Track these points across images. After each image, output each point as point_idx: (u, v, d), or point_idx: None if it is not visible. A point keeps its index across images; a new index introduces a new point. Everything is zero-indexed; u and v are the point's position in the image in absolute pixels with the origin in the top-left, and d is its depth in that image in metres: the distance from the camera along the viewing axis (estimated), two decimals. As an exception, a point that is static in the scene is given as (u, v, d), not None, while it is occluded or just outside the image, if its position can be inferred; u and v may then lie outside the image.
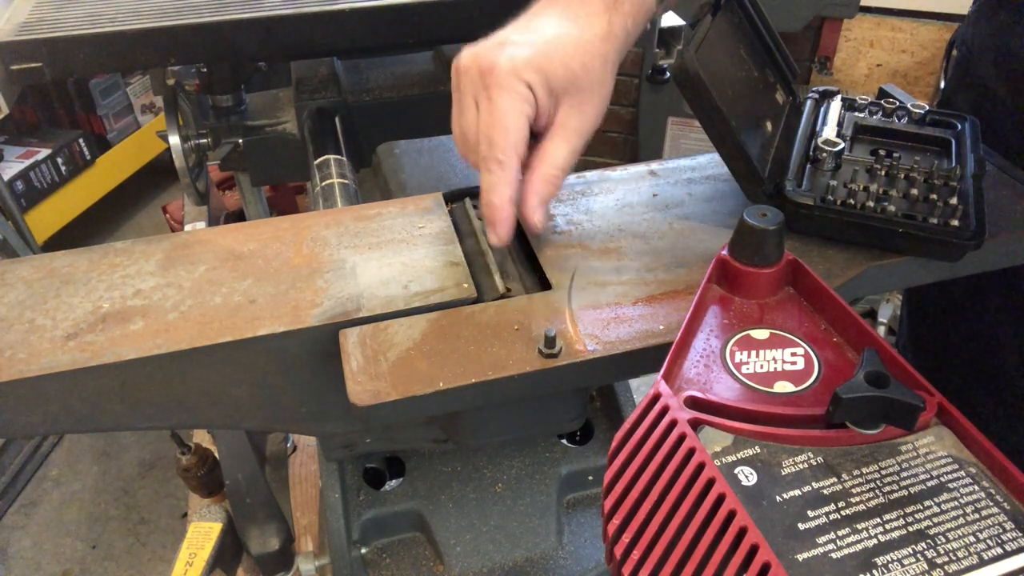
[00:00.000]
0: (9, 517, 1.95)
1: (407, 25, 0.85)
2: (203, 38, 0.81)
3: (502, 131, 0.51)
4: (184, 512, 1.89)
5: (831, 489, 0.36)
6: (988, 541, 0.33)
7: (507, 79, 0.50)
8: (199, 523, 0.87)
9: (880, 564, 0.33)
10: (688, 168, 0.69)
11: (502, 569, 0.65)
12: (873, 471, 0.37)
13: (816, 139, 0.63)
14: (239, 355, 0.50)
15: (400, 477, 0.70)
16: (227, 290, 0.53)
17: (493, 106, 0.51)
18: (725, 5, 0.62)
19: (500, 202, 0.52)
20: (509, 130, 0.51)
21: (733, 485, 0.36)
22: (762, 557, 0.33)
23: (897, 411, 0.37)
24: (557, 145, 0.54)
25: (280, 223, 0.60)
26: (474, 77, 0.52)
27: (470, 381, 0.46)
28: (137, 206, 3.09)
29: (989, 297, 0.81)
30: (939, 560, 0.33)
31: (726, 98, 0.56)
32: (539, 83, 0.51)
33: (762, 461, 0.37)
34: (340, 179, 0.80)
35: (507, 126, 0.51)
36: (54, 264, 0.56)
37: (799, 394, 0.41)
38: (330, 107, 0.94)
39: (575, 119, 0.54)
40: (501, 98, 0.51)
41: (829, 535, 0.34)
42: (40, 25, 0.80)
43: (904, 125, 0.67)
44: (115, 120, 2.88)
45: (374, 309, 0.51)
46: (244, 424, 0.61)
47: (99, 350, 0.48)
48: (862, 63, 2.58)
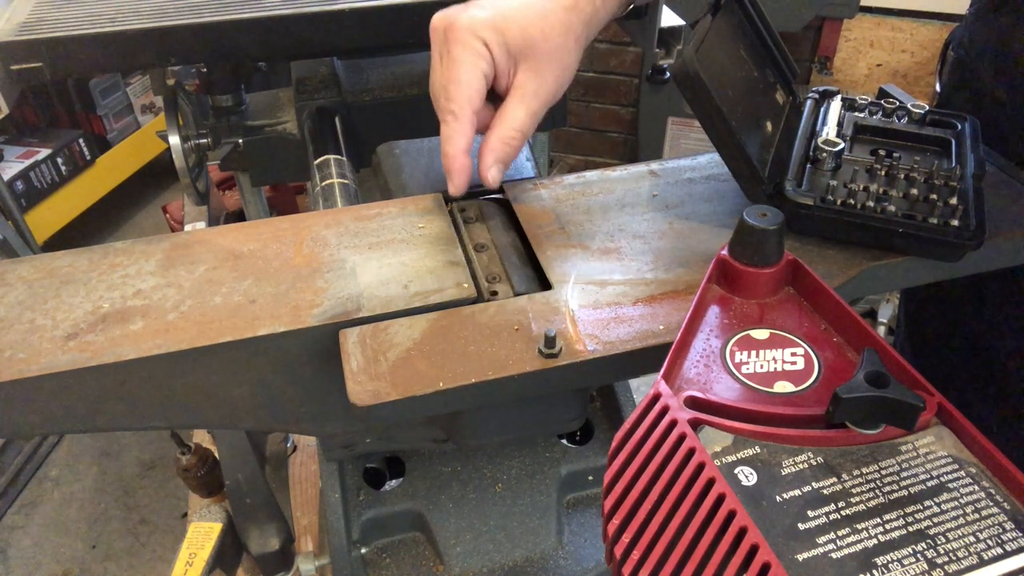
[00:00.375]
0: (9, 517, 1.95)
1: (407, 25, 0.85)
2: (203, 38, 0.81)
3: (456, 83, 0.54)
4: (184, 512, 1.89)
5: (831, 489, 0.36)
6: (988, 541, 0.33)
7: (464, 35, 0.54)
8: (199, 523, 0.87)
9: (880, 564, 0.33)
10: (688, 168, 0.69)
11: (502, 569, 0.65)
12: (873, 471, 0.37)
13: (816, 139, 0.63)
14: (239, 355, 0.50)
15: (400, 477, 0.70)
16: (227, 290, 0.53)
17: (450, 59, 0.54)
18: (725, 5, 0.62)
19: (454, 152, 0.55)
20: (462, 83, 0.54)
21: (733, 485, 0.36)
22: (762, 557, 0.33)
23: (897, 411, 0.37)
24: (515, 106, 0.57)
25: (280, 223, 0.60)
26: (439, 34, 0.55)
27: (470, 381, 0.46)
28: (137, 206, 3.09)
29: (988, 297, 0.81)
30: (939, 560, 0.33)
31: (726, 98, 0.56)
32: (495, 42, 0.54)
33: (762, 461, 0.37)
34: (340, 179, 0.80)
35: (461, 79, 0.54)
36: (54, 264, 0.56)
37: (799, 394, 0.41)
38: (330, 107, 0.94)
39: (532, 82, 0.57)
40: (457, 52, 0.54)
41: (829, 535, 0.34)
42: (40, 25, 0.80)
43: (904, 125, 0.67)
44: (115, 120, 2.88)
45: (374, 309, 0.51)
46: (244, 424, 0.61)
47: (99, 350, 0.48)
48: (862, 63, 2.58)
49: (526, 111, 0.57)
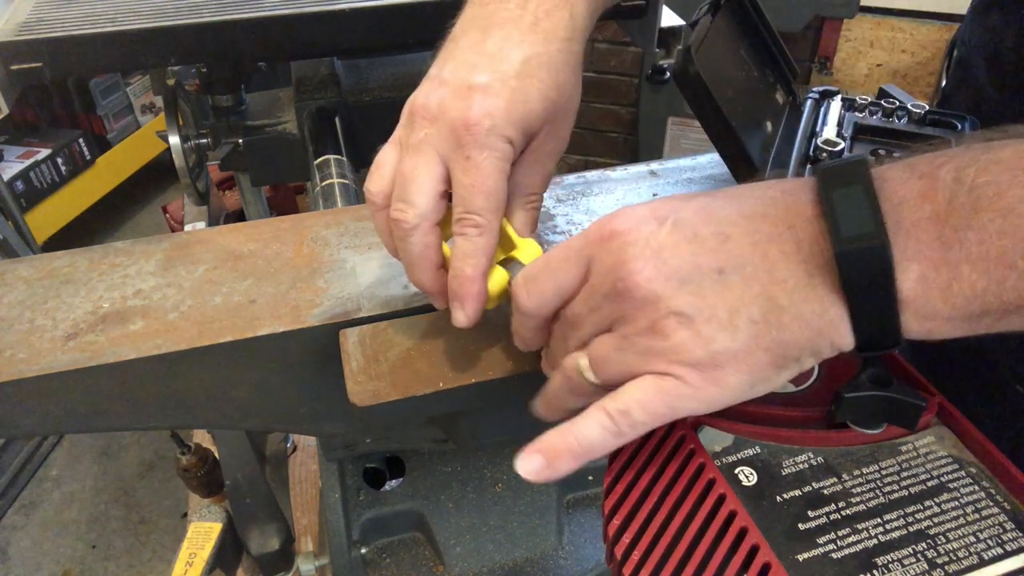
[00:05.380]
0: (9, 517, 1.95)
1: (407, 25, 0.85)
2: (203, 38, 0.81)
3: (483, 194, 0.44)
4: (184, 512, 1.89)
5: (831, 489, 0.36)
6: (988, 541, 0.33)
7: (488, 138, 0.44)
8: (199, 523, 0.87)
9: (880, 564, 0.33)
10: (688, 168, 0.69)
11: (502, 569, 0.65)
12: (873, 471, 0.37)
13: (816, 139, 0.63)
14: (239, 355, 0.50)
15: (400, 477, 0.70)
16: (227, 290, 0.53)
17: (474, 167, 0.44)
18: (725, 5, 0.62)
19: (474, 273, 0.44)
20: (492, 193, 0.45)
21: (733, 485, 0.36)
22: (763, 557, 0.33)
23: (900, 410, 0.37)
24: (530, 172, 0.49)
25: (280, 223, 0.60)
26: (443, 131, 0.45)
27: (470, 381, 0.46)
28: (137, 206, 3.09)
29: None
30: (939, 560, 0.33)
31: (726, 98, 0.56)
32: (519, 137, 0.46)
33: (762, 461, 0.37)
34: (340, 179, 0.80)
35: (491, 188, 0.45)
36: (54, 264, 0.56)
37: (799, 394, 0.41)
38: (330, 107, 0.94)
39: (550, 144, 0.49)
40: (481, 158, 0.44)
41: (829, 535, 0.34)
42: (40, 25, 0.80)
43: (904, 125, 0.67)
44: (115, 120, 2.88)
45: (374, 309, 0.51)
46: (244, 424, 0.61)
47: (99, 350, 0.48)
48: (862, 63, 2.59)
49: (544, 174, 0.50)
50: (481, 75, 0.45)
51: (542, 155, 0.49)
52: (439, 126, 0.45)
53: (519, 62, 0.46)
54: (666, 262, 0.35)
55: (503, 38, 0.46)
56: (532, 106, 0.45)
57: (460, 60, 0.46)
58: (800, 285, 0.34)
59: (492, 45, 0.46)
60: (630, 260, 0.36)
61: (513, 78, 0.45)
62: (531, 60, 0.46)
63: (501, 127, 0.44)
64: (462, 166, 0.45)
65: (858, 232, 0.32)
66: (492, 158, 0.45)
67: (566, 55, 0.47)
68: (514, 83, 0.45)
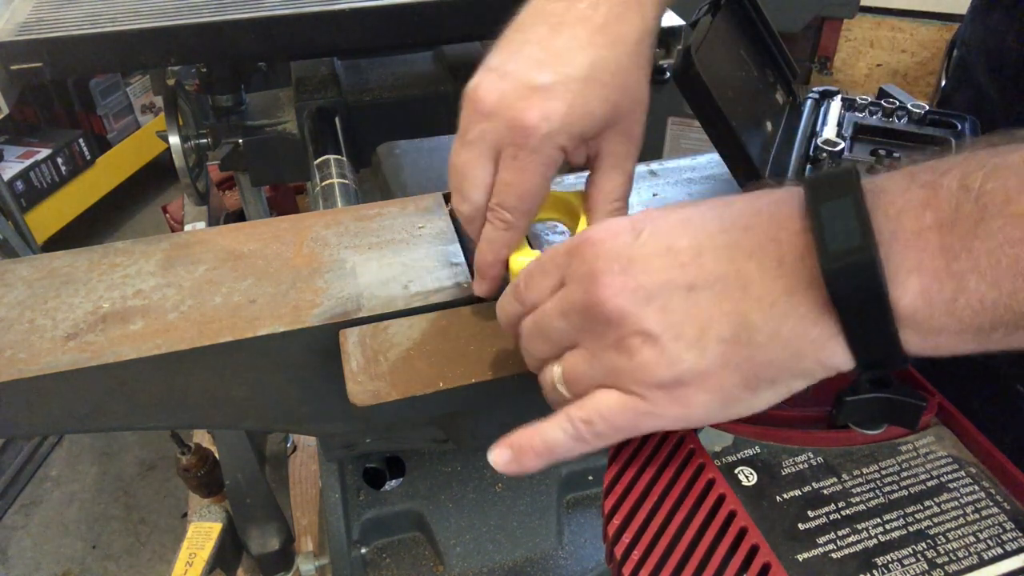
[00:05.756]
0: (9, 517, 1.95)
1: (407, 25, 0.85)
2: (203, 38, 0.81)
3: (520, 195, 0.46)
4: (184, 512, 1.89)
5: (831, 489, 0.36)
6: (988, 541, 0.33)
7: (541, 144, 0.45)
8: (199, 523, 0.87)
9: (880, 564, 0.33)
10: (688, 168, 0.69)
11: (502, 569, 0.65)
12: (873, 471, 0.37)
13: (816, 139, 0.63)
14: (239, 355, 0.50)
15: (400, 477, 0.70)
16: (227, 290, 0.53)
17: (519, 167, 0.45)
18: (725, 5, 0.62)
19: (494, 260, 0.48)
20: (528, 195, 0.46)
21: (733, 486, 0.36)
22: (762, 557, 0.33)
23: (900, 411, 0.37)
24: (610, 176, 0.49)
25: (280, 223, 0.60)
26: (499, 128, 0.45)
27: (470, 381, 0.46)
28: (137, 206, 3.09)
29: None
30: (939, 560, 0.33)
31: (726, 98, 0.56)
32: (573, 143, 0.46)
33: (762, 461, 0.37)
34: (340, 179, 0.80)
35: (526, 192, 0.46)
36: (54, 264, 0.56)
37: (799, 394, 0.41)
38: (330, 107, 0.94)
39: (623, 146, 0.49)
40: (529, 162, 0.45)
41: (829, 535, 0.34)
42: (40, 25, 0.80)
43: (904, 125, 0.67)
44: (115, 120, 2.88)
45: (374, 309, 0.51)
46: (244, 424, 0.61)
47: (99, 350, 0.48)
48: (862, 63, 2.59)
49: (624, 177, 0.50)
50: (545, 75, 0.45)
51: (619, 158, 0.49)
52: (495, 122, 0.45)
53: (585, 66, 0.45)
54: (634, 277, 0.34)
55: (571, 37, 0.46)
56: (592, 111, 0.45)
57: (525, 55, 0.46)
58: (778, 303, 0.32)
59: (560, 44, 0.46)
60: (600, 273, 0.35)
61: (576, 81, 0.45)
62: (597, 64, 0.45)
63: (556, 133, 0.45)
64: (508, 163, 0.46)
65: (846, 247, 0.30)
66: (537, 163, 0.45)
67: (634, 57, 0.47)
68: (576, 87, 0.45)
